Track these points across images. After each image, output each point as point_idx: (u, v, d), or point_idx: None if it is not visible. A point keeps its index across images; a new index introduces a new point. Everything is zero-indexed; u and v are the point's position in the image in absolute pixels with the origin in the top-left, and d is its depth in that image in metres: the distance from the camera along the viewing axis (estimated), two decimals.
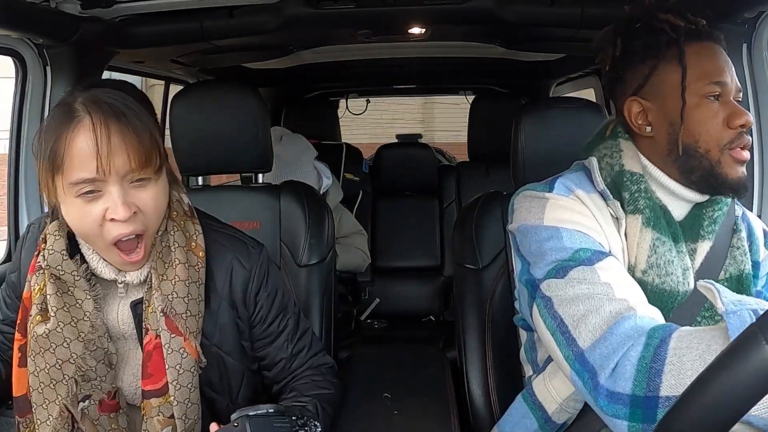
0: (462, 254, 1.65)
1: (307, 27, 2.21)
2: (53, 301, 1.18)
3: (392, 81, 4.24)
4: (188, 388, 1.20)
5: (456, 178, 3.57)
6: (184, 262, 1.22)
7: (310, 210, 1.80)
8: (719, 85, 1.13)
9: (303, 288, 1.75)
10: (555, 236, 1.11)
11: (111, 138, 1.08)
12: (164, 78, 3.10)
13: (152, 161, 1.13)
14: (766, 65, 1.72)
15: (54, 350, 1.17)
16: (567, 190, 1.19)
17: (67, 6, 1.68)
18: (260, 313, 1.33)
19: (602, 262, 1.06)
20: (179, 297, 1.20)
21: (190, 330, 1.21)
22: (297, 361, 1.38)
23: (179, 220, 1.26)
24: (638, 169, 1.18)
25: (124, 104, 1.13)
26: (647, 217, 1.13)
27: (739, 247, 1.20)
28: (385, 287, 3.45)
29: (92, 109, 1.09)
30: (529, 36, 2.57)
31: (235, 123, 1.78)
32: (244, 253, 1.32)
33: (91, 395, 1.19)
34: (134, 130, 1.10)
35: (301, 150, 2.85)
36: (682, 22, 1.16)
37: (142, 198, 1.13)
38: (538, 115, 1.69)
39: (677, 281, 1.12)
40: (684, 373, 0.85)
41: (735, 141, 1.12)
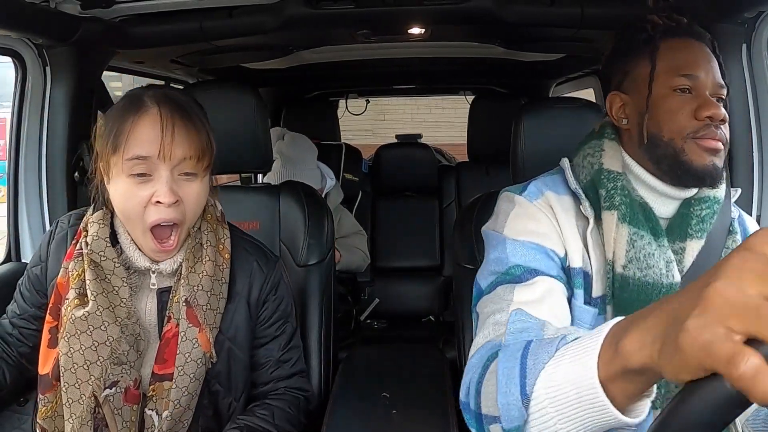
0: (461, 254, 1.65)
1: (307, 27, 2.21)
2: (93, 286, 1.26)
3: (392, 81, 4.24)
4: (190, 377, 1.27)
5: (456, 178, 3.57)
6: (213, 259, 1.33)
7: (309, 210, 1.80)
8: (689, 78, 1.15)
9: (302, 288, 1.75)
10: (501, 246, 1.16)
11: (175, 128, 1.21)
12: (164, 78, 3.10)
13: (205, 158, 1.25)
14: (765, 65, 1.72)
15: (91, 332, 1.24)
16: (538, 192, 1.22)
17: (67, 6, 1.68)
18: (265, 313, 1.42)
19: (527, 282, 1.10)
20: (204, 290, 1.31)
21: (208, 322, 1.30)
22: (281, 370, 1.44)
23: (212, 223, 1.38)
24: (617, 167, 1.20)
25: (190, 105, 1.26)
26: (623, 213, 1.14)
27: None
28: (384, 287, 3.45)
29: (161, 102, 1.22)
30: (529, 36, 2.57)
31: (234, 123, 1.78)
32: (263, 259, 1.43)
33: (118, 381, 1.25)
34: (195, 127, 1.24)
35: (305, 149, 2.87)
36: (662, 21, 1.19)
37: (186, 190, 1.24)
38: (537, 115, 1.69)
39: (660, 273, 1.12)
40: (487, 395, 0.89)
41: (700, 131, 1.13)
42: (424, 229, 3.53)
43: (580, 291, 1.14)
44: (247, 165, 1.86)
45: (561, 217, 1.18)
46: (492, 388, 0.88)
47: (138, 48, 2.09)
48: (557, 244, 1.16)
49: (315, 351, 1.72)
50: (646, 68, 1.18)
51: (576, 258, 1.16)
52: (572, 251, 1.16)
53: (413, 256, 3.49)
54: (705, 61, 1.16)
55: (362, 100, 4.79)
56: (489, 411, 0.88)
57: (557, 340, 0.81)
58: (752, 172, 1.72)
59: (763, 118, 1.72)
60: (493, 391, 0.86)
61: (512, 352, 0.87)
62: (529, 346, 0.85)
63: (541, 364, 0.80)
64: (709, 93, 1.15)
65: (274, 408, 1.39)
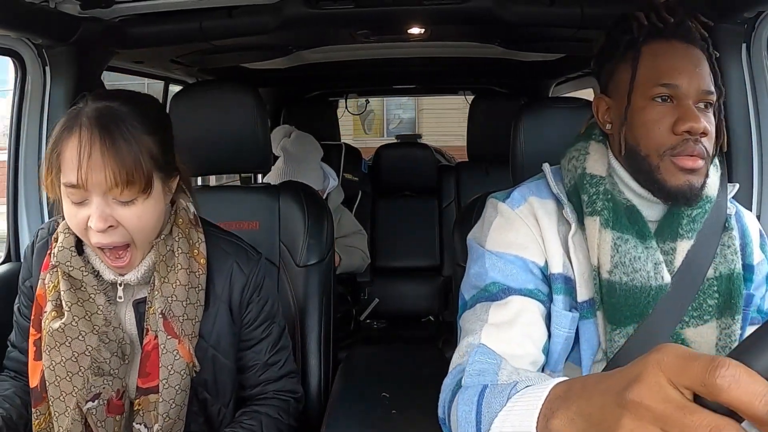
0: (461, 254, 1.65)
1: (307, 27, 2.21)
2: (67, 296, 1.23)
3: (391, 81, 4.24)
4: (175, 389, 1.25)
5: (455, 178, 3.57)
6: (186, 267, 1.27)
7: (309, 210, 1.80)
8: (669, 87, 1.10)
9: (302, 288, 1.75)
10: (481, 261, 1.17)
11: (92, 155, 1.11)
12: (164, 78, 3.10)
13: (135, 184, 1.14)
14: (765, 65, 1.72)
15: (70, 343, 1.21)
16: (521, 199, 1.21)
17: (67, 6, 1.68)
18: (249, 315, 1.38)
19: (502, 301, 1.11)
20: (178, 300, 1.26)
21: (186, 333, 1.26)
22: (269, 373, 1.41)
23: (184, 228, 1.30)
24: (601, 171, 1.17)
25: (118, 124, 1.14)
26: (605, 218, 1.12)
27: (730, 246, 1.16)
28: (384, 287, 3.45)
29: (87, 122, 1.13)
30: (529, 36, 2.57)
31: (234, 123, 1.78)
32: (243, 258, 1.37)
33: (101, 393, 1.23)
34: (117, 152, 1.12)
35: (310, 148, 2.88)
36: (649, 21, 1.14)
37: (124, 215, 1.17)
38: (537, 115, 1.68)
39: (647, 276, 1.10)
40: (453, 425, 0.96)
41: (678, 147, 1.08)
42: (424, 229, 3.53)
43: (561, 296, 1.14)
44: (247, 165, 1.86)
45: (543, 223, 1.17)
46: (455, 425, 0.95)
47: (138, 48, 2.09)
48: (537, 254, 1.15)
49: (315, 351, 1.72)
50: (627, 74, 1.14)
51: (556, 264, 1.15)
52: (553, 258, 1.15)
53: (413, 256, 3.49)
54: (689, 66, 1.11)
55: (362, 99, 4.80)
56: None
57: (509, 388, 0.85)
58: (752, 171, 1.72)
59: (762, 118, 1.72)
60: (455, 429, 0.94)
61: (470, 396, 0.93)
62: (485, 392, 0.90)
63: (494, 413, 0.85)
64: (693, 101, 1.10)
65: (262, 416, 1.37)
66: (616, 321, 1.11)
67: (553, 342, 1.13)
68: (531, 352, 1.08)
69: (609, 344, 1.12)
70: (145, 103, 1.24)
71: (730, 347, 1.11)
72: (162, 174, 1.21)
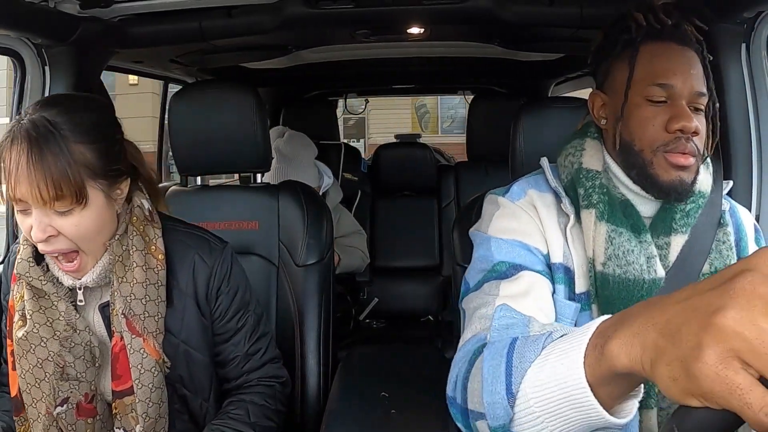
0: (460, 254, 1.65)
1: (306, 27, 2.21)
2: (29, 305, 1.24)
3: (391, 81, 4.24)
4: (149, 388, 1.25)
5: (455, 177, 3.57)
6: (141, 265, 1.26)
7: (308, 210, 1.80)
8: (664, 87, 1.13)
9: (301, 288, 1.75)
10: (486, 245, 1.18)
11: (19, 168, 1.11)
12: (163, 78, 3.10)
13: (65, 197, 1.13)
14: (764, 65, 1.72)
15: (34, 350, 1.23)
16: (521, 192, 1.24)
17: (66, 6, 1.68)
18: (220, 308, 1.37)
19: (512, 277, 1.11)
20: (137, 298, 1.25)
21: (149, 330, 1.26)
22: (251, 363, 1.41)
23: (138, 225, 1.29)
24: (597, 166, 1.20)
25: (51, 134, 1.13)
26: (600, 211, 1.15)
27: (725, 241, 1.19)
28: (383, 287, 3.45)
29: (19, 135, 1.12)
30: (528, 36, 2.57)
31: (233, 123, 1.78)
32: (206, 249, 1.36)
33: (68, 398, 1.24)
34: (43, 165, 1.11)
35: (302, 146, 2.86)
36: (647, 22, 1.17)
37: (63, 224, 1.16)
38: (536, 114, 1.69)
39: (640, 269, 1.12)
40: (473, 391, 0.90)
41: (670, 144, 1.12)
42: (423, 228, 3.52)
43: (562, 286, 1.15)
44: (246, 165, 1.85)
45: (543, 214, 1.19)
46: (477, 385, 0.88)
47: (137, 47, 2.09)
48: (539, 241, 1.17)
49: (314, 351, 1.72)
50: (624, 73, 1.17)
51: (557, 253, 1.16)
52: (554, 247, 1.17)
53: (412, 256, 3.49)
54: (685, 68, 1.14)
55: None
56: (475, 407, 0.89)
57: (543, 338, 0.81)
58: (751, 171, 1.72)
59: (761, 118, 1.72)
60: (479, 389, 0.87)
61: (498, 350, 0.87)
62: (515, 344, 0.85)
63: (527, 362, 0.80)
64: (686, 102, 1.13)
65: (248, 404, 1.36)
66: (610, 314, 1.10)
67: None
68: (547, 317, 1.08)
69: None
70: (85, 109, 1.21)
71: None
72: (103, 181, 1.19)
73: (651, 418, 1.12)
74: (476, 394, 0.88)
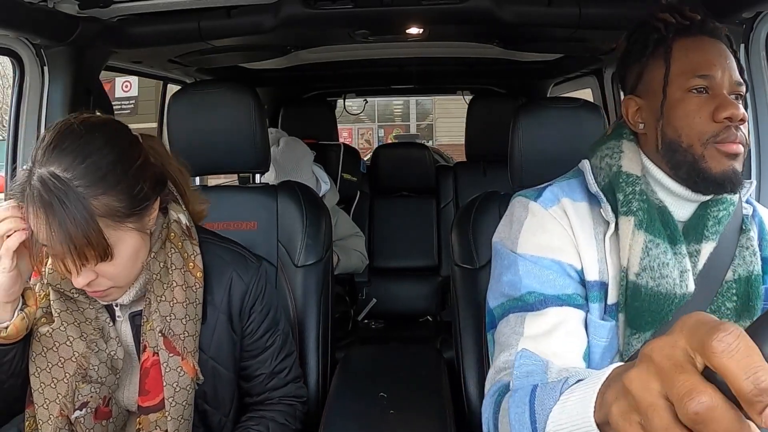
0: (459, 254, 1.66)
1: (305, 27, 2.21)
2: (57, 305, 1.21)
3: (390, 81, 4.24)
4: (183, 405, 1.23)
5: (453, 178, 3.57)
6: (182, 284, 1.23)
7: (307, 210, 1.80)
8: (705, 78, 1.12)
9: (300, 288, 1.75)
10: (514, 268, 1.15)
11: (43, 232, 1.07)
12: (162, 78, 3.09)
13: (92, 253, 1.08)
14: (763, 65, 1.72)
15: (57, 348, 1.19)
16: (554, 198, 1.20)
17: (65, 6, 1.68)
18: (252, 325, 1.36)
19: (539, 312, 1.11)
20: (177, 318, 1.23)
21: (188, 350, 1.23)
22: (275, 381, 1.41)
23: (177, 242, 1.25)
24: (637, 170, 1.17)
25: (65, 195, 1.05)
26: (640, 219, 1.12)
27: (748, 247, 1.17)
28: (382, 287, 3.45)
29: (32, 197, 1.06)
30: (527, 36, 2.57)
31: (232, 123, 1.78)
32: (242, 266, 1.34)
33: (88, 402, 1.20)
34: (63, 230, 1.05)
35: (300, 156, 2.85)
36: (675, 20, 1.16)
37: (102, 270, 1.13)
38: (535, 115, 1.68)
39: (673, 284, 1.10)
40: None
41: (720, 134, 1.09)
42: (422, 229, 3.52)
43: (596, 304, 1.14)
44: (245, 165, 1.85)
45: (576, 226, 1.16)
46: (506, 428, 0.95)
47: (136, 48, 2.09)
48: (573, 256, 1.15)
49: (312, 351, 1.72)
50: (660, 71, 1.15)
51: (592, 270, 1.14)
52: (588, 264, 1.15)
53: (411, 256, 3.49)
54: (721, 60, 1.13)
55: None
56: None
57: (560, 384, 0.85)
58: (750, 172, 1.73)
59: (761, 118, 1.73)
60: (508, 430, 0.95)
61: (521, 397, 0.93)
62: (536, 392, 0.91)
63: (548, 409, 0.84)
64: (727, 92, 1.12)
65: (269, 422, 1.36)
66: (636, 325, 1.11)
67: (592, 351, 1.13)
68: (571, 360, 1.07)
69: (626, 348, 1.13)
70: (100, 150, 1.11)
71: None
72: (133, 218, 1.14)
73: None
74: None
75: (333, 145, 3.58)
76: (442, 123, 18.08)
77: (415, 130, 18.63)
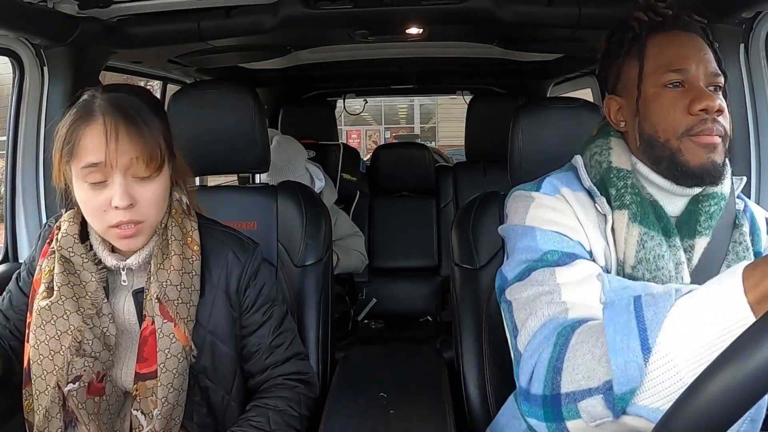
0: (459, 254, 1.65)
1: (305, 27, 2.21)
2: (59, 279, 1.28)
3: (390, 81, 4.24)
4: (173, 373, 1.28)
5: (453, 178, 3.57)
6: (179, 254, 1.33)
7: (307, 210, 1.80)
8: (679, 72, 1.13)
9: (300, 288, 1.75)
10: (530, 235, 1.14)
11: (119, 139, 1.20)
12: (162, 78, 3.10)
13: (153, 163, 1.24)
14: (763, 65, 1.72)
15: (55, 322, 1.26)
16: (553, 189, 1.21)
17: (65, 6, 1.68)
18: (248, 300, 1.41)
19: (567, 265, 1.08)
20: (173, 285, 1.30)
21: (181, 316, 1.30)
22: (275, 356, 1.43)
23: (177, 217, 1.36)
24: (626, 165, 1.19)
25: (136, 110, 1.24)
26: (633, 213, 1.13)
27: (741, 242, 1.18)
28: (382, 287, 3.45)
29: (107, 111, 1.21)
30: (527, 36, 2.58)
31: (232, 123, 1.78)
32: (240, 247, 1.42)
33: (81, 376, 1.25)
34: (140, 132, 1.22)
35: (292, 153, 2.84)
36: (648, 17, 1.18)
37: (141, 192, 1.24)
38: (535, 115, 1.69)
39: (669, 276, 1.11)
40: (577, 369, 0.88)
41: (695, 127, 1.10)
42: (422, 229, 3.52)
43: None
44: (245, 165, 1.85)
45: (580, 213, 1.17)
46: (587, 357, 0.87)
47: (136, 48, 2.09)
48: (583, 237, 1.14)
49: (312, 351, 1.72)
50: (635, 69, 1.17)
51: (599, 257, 1.14)
52: (596, 249, 1.15)
53: (410, 256, 3.49)
54: (695, 52, 1.14)
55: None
56: (579, 386, 0.87)
57: (672, 292, 0.80)
58: (750, 170, 1.73)
59: (760, 118, 1.73)
60: (591, 360, 0.86)
61: (621, 308, 0.85)
62: (640, 300, 0.83)
63: (661, 316, 0.78)
64: (704, 84, 1.12)
65: (269, 411, 1.37)
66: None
67: None
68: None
69: None
70: (146, 93, 1.33)
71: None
72: (169, 155, 1.29)
73: None
74: (582, 369, 0.86)
75: (333, 145, 3.57)
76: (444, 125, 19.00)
77: (419, 131, 19.42)
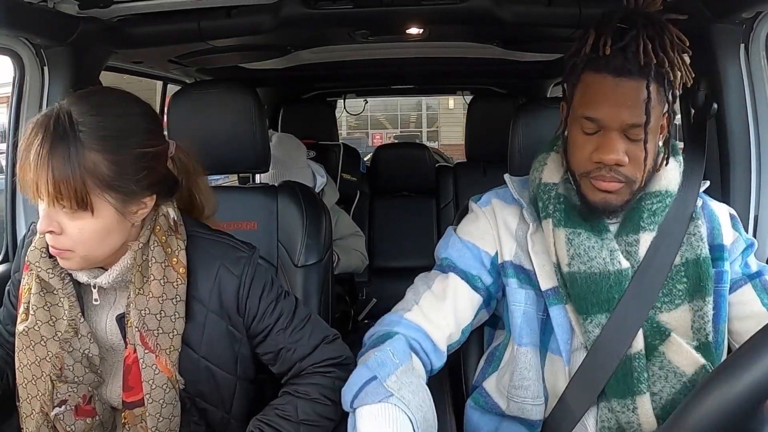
0: None
1: (305, 27, 2.21)
2: (34, 300, 1.21)
3: (390, 81, 4.24)
4: (160, 403, 1.21)
5: (453, 178, 3.57)
6: (159, 278, 1.21)
7: (307, 210, 1.79)
8: (591, 120, 1.19)
9: (300, 289, 1.75)
10: (447, 240, 1.41)
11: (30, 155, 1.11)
12: (162, 78, 3.10)
13: (64, 198, 1.09)
14: (763, 65, 1.72)
15: (33, 348, 1.20)
16: (487, 201, 1.41)
17: (65, 6, 1.68)
18: (250, 311, 1.29)
19: (445, 274, 1.36)
20: (151, 313, 1.20)
21: (162, 347, 1.21)
22: (299, 350, 1.31)
23: (161, 236, 1.23)
24: (555, 179, 1.31)
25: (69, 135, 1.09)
26: (557, 219, 1.27)
27: (695, 233, 1.27)
28: (382, 287, 3.45)
29: (44, 121, 1.11)
30: (527, 36, 2.57)
31: (232, 123, 1.78)
32: (231, 260, 1.28)
33: (66, 400, 1.20)
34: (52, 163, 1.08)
35: (293, 148, 2.86)
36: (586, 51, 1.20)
37: (67, 224, 1.12)
38: (535, 115, 1.69)
39: (604, 262, 1.23)
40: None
41: (593, 172, 1.21)
42: (422, 229, 3.53)
43: (513, 279, 1.32)
44: (245, 165, 1.85)
45: (500, 222, 1.36)
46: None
47: (136, 48, 2.09)
48: (489, 243, 1.35)
49: None
50: (565, 100, 1.28)
51: (507, 253, 1.33)
52: (505, 249, 1.34)
53: (411, 256, 3.49)
54: (615, 100, 1.17)
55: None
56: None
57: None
58: (750, 171, 1.72)
59: (760, 118, 1.72)
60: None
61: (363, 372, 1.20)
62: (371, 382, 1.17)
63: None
64: (618, 132, 1.18)
65: (298, 400, 1.27)
66: (584, 310, 1.23)
67: (512, 316, 1.31)
68: (450, 325, 1.32)
69: (585, 336, 1.24)
70: (118, 115, 1.16)
71: (704, 328, 1.23)
72: (116, 195, 1.13)
73: (645, 402, 1.21)
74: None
75: (333, 145, 3.58)
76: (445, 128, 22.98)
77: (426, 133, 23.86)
